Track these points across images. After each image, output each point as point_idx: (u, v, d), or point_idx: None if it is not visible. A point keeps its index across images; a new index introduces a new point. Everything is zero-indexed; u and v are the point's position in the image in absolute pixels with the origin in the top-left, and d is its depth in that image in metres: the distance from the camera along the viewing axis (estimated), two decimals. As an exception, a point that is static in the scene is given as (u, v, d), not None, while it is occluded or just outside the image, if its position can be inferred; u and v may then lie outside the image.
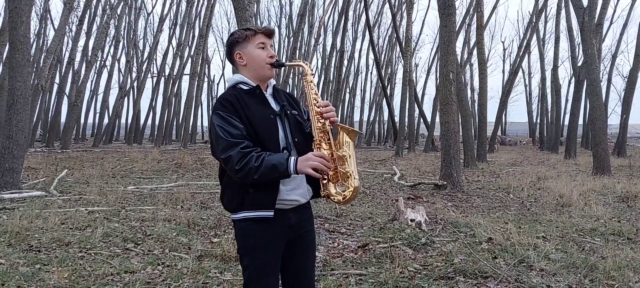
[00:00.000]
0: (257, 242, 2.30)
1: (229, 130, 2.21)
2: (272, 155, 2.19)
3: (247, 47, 2.38)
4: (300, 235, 2.42)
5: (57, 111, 29.08)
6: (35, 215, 6.51)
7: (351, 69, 43.97)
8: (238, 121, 2.25)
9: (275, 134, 2.30)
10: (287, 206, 2.33)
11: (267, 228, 2.29)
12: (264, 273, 2.32)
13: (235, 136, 2.20)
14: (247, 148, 2.20)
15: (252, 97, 2.34)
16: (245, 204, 2.28)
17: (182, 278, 4.32)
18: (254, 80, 2.38)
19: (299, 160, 2.17)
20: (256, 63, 2.36)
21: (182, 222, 6.41)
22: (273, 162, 2.16)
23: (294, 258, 2.44)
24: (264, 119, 2.30)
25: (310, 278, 2.49)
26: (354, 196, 2.23)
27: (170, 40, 39.04)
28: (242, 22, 9.57)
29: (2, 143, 9.11)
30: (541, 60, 37.39)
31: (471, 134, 18.54)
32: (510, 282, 4.36)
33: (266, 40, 2.39)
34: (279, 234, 2.33)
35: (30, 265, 4.51)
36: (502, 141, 40.18)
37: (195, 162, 16.44)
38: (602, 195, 10.06)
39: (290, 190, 2.30)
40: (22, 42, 9.22)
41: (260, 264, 2.31)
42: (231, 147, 2.19)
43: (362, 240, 5.77)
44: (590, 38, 14.91)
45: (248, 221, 2.29)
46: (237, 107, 2.27)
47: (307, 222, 2.46)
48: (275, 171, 2.16)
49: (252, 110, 2.30)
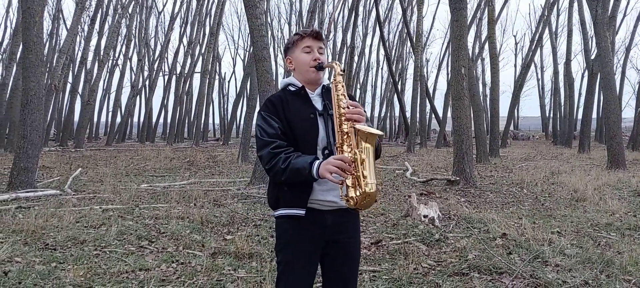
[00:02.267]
0: (290, 240, 2.35)
1: (266, 129, 2.29)
2: (299, 158, 2.20)
3: (295, 52, 2.42)
4: (339, 240, 2.40)
5: (70, 110, 29.32)
6: (51, 213, 6.57)
7: (362, 65, 43.85)
8: (276, 120, 2.30)
9: (313, 134, 2.31)
10: (324, 207, 2.32)
11: (300, 226, 2.31)
12: (294, 271, 2.35)
13: (270, 135, 2.27)
14: (278, 149, 2.23)
15: (298, 98, 2.38)
16: (281, 202, 2.33)
17: (196, 275, 4.34)
18: (303, 82, 2.41)
19: (321, 164, 2.16)
20: (301, 67, 2.40)
21: (196, 219, 6.44)
22: (297, 165, 2.18)
23: (334, 264, 2.43)
24: (304, 119, 2.32)
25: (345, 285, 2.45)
26: (369, 202, 2.17)
27: (181, 38, 39.18)
28: (252, 19, 9.59)
29: (17, 142, 9.21)
30: (554, 54, 37.04)
31: (483, 129, 18.44)
32: (525, 278, 4.33)
33: (313, 43, 2.40)
34: (313, 234, 2.33)
35: (46, 264, 4.55)
36: (514, 136, 39.93)
37: (208, 160, 16.51)
38: (617, 189, 9.96)
39: (326, 191, 2.29)
40: (35, 42, 9.30)
41: (291, 261, 2.35)
42: (264, 147, 2.27)
43: (376, 237, 5.76)
44: (604, 31, 14.75)
45: (283, 218, 2.35)
46: (279, 107, 2.33)
47: (348, 227, 2.42)
48: (299, 175, 2.19)
49: (294, 110, 2.33)
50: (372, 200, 2.16)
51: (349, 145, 2.20)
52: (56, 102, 32.73)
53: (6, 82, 22.42)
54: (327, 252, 2.41)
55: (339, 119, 2.26)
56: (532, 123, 62.39)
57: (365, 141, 2.16)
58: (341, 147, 2.22)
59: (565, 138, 29.86)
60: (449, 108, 26.77)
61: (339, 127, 2.24)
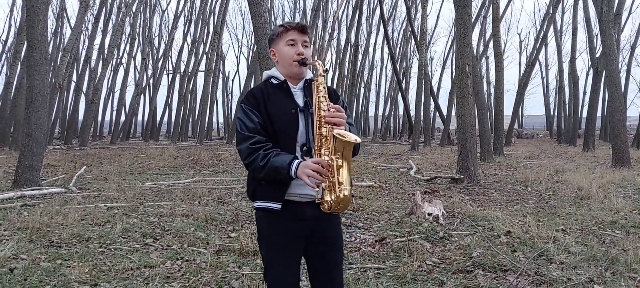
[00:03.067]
0: (269, 232, 2.37)
1: (245, 123, 2.28)
2: (278, 157, 2.20)
3: (279, 44, 2.39)
4: (320, 232, 2.39)
5: (74, 109, 29.44)
6: (56, 211, 6.59)
7: (366, 64, 43.81)
8: (257, 115, 2.28)
9: (293, 129, 2.29)
10: (303, 199, 2.31)
11: (277, 219, 2.31)
12: (278, 263, 2.36)
13: (249, 130, 2.26)
14: (257, 144, 2.23)
15: (279, 91, 2.36)
16: (258, 194, 2.34)
17: (201, 272, 4.35)
18: (285, 76, 2.39)
19: (300, 165, 2.16)
20: (285, 60, 2.37)
21: (200, 217, 6.45)
22: (276, 164, 2.18)
23: (316, 256, 2.43)
24: (284, 113, 2.30)
25: (332, 277, 2.45)
26: (345, 206, 2.18)
27: (185, 37, 39.27)
28: (256, 17, 9.58)
29: (22, 141, 9.24)
30: (558, 52, 36.93)
31: (488, 127, 18.40)
32: (529, 275, 4.32)
33: (298, 36, 2.37)
34: (292, 227, 2.32)
35: (51, 261, 4.57)
36: (518, 134, 39.84)
37: (212, 158, 16.53)
38: (621, 187, 9.92)
39: (303, 185, 2.24)
40: (39, 40, 9.33)
41: (274, 254, 2.36)
42: (243, 141, 2.26)
43: (380, 235, 5.76)
44: (609, 28, 14.69)
45: (261, 211, 2.35)
46: (260, 100, 2.31)
47: (328, 220, 2.39)
48: (278, 173, 2.19)
49: (276, 104, 2.31)
50: (345, 204, 2.17)
51: (327, 148, 2.18)
52: (60, 100, 32.85)
53: (11, 80, 22.50)
54: (310, 245, 2.40)
55: (318, 121, 2.23)
56: (536, 121, 62.23)
57: (342, 147, 2.14)
58: (319, 150, 2.20)
59: (570, 136, 29.79)
60: (453, 106, 26.71)
61: (319, 130, 2.22)
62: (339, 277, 2.47)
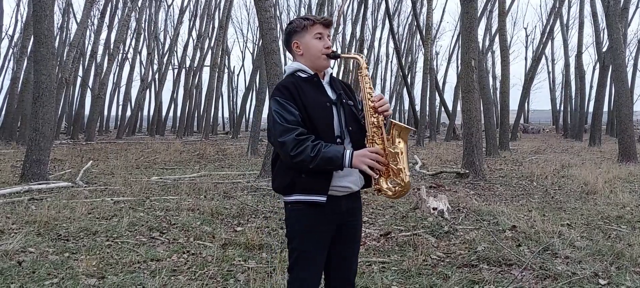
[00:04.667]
0: (308, 226, 2.34)
1: (285, 116, 2.26)
2: (328, 147, 2.21)
3: (305, 37, 2.39)
4: (347, 224, 2.43)
5: (80, 104, 29.53)
6: (63, 205, 6.65)
7: (371, 58, 43.73)
8: (294, 107, 2.28)
9: (330, 122, 2.33)
10: (340, 193, 2.35)
11: (318, 213, 2.31)
12: (311, 258, 2.35)
13: (290, 122, 2.25)
14: (302, 136, 2.23)
15: (310, 85, 2.37)
16: (297, 187, 2.31)
17: (207, 265, 4.38)
18: (311, 69, 2.40)
19: (354, 154, 2.21)
20: (313, 53, 2.38)
21: (206, 211, 6.48)
22: (329, 155, 2.20)
23: (338, 246, 2.44)
24: (320, 106, 2.33)
25: (349, 265, 2.49)
26: (405, 192, 2.28)
27: (191, 31, 39.31)
28: (262, 12, 9.58)
29: (29, 135, 9.30)
30: (565, 46, 36.79)
31: (493, 122, 18.37)
32: (534, 270, 4.32)
33: (324, 30, 2.39)
34: (329, 220, 2.35)
35: (59, 254, 4.61)
36: (524, 129, 39.70)
37: (217, 153, 16.59)
38: (628, 182, 9.89)
39: (343, 177, 2.31)
40: (46, 35, 9.37)
41: (308, 248, 2.35)
42: (286, 133, 2.23)
43: (385, 229, 5.77)
44: (616, 22, 14.61)
45: (300, 204, 2.32)
46: (294, 93, 2.31)
47: (357, 210, 2.47)
48: (330, 164, 2.21)
49: (309, 97, 2.33)
50: (407, 190, 2.28)
51: (380, 137, 2.28)
52: (67, 95, 33.00)
53: (17, 75, 22.61)
54: (337, 236, 2.42)
55: (370, 110, 2.32)
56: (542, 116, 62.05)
57: (399, 134, 2.27)
58: (373, 140, 2.29)
59: (576, 131, 29.68)
60: (458, 101, 26.65)
61: (371, 119, 2.31)
62: (355, 265, 2.53)
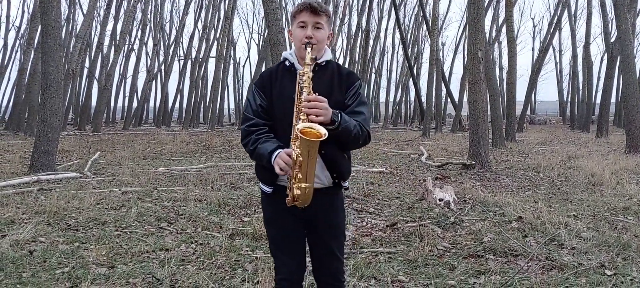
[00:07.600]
0: (267, 214, 2.49)
1: (250, 104, 2.36)
2: (265, 143, 2.25)
3: (293, 25, 2.38)
4: (316, 219, 2.40)
5: (87, 95, 29.66)
6: (72, 195, 6.71)
7: (377, 49, 43.65)
8: (262, 97, 2.34)
9: (289, 115, 2.24)
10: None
11: (273, 202, 2.40)
12: (278, 244, 2.45)
13: (249, 112, 2.34)
14: (252, 127, 2.30)
15: (287, 74, 2.36)
16: (258, 175, 2.43)
17: (215, 255, 4.42)
18: (298, 57, 2.37)
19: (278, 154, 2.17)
20: (295, 42, 2.37)
21: (213, 202, 6.53)
22: (260, 151, 2.25)
23: (314, 243, 2.48)
24: (285, 98, 2.29)
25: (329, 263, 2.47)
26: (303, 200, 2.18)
27: (196, 22, 39.32)
28: (267, 3, 9.59)
29: (37, 126, 9.36)
30: (572, 37, 36.51)
31: (500, 113, 18.31)
32: (540, 260, 4.34)
33: (309, 18, 2.30)
34: (287, 211, 2.32)
35: (69, 243, 4.67)
36: (531, 120, 39.58)
37: (223, 144, 16.62)
38: (635, 174, 9.87)
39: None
40: (53, 27, 9.40)
41: (273, 236, 2.47)
42: (244, 122, 2.36)
43: (391, 220, 5.80)
44: (624, 13, 14.51)
45: (262, 193, 2.46)
46: (267, 83, 2.36)
47: (323, 208, 2.37)
48: (262, 159, 2.26)
49: (279, 87, 2.33)
50: (303, 200, 2.18)
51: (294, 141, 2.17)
52: (74, 86, 33.10)
53: (25, 66, 22.72)
54: (309, 233, 2.45)
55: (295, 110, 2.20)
56: (549, 107, 61.75)
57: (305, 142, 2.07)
58: (294, 142, 2.15)
59: (583, 122, 29.54)
60: (465, 92, 26.56)
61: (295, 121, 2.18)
62: (335, 263, 2.48)
